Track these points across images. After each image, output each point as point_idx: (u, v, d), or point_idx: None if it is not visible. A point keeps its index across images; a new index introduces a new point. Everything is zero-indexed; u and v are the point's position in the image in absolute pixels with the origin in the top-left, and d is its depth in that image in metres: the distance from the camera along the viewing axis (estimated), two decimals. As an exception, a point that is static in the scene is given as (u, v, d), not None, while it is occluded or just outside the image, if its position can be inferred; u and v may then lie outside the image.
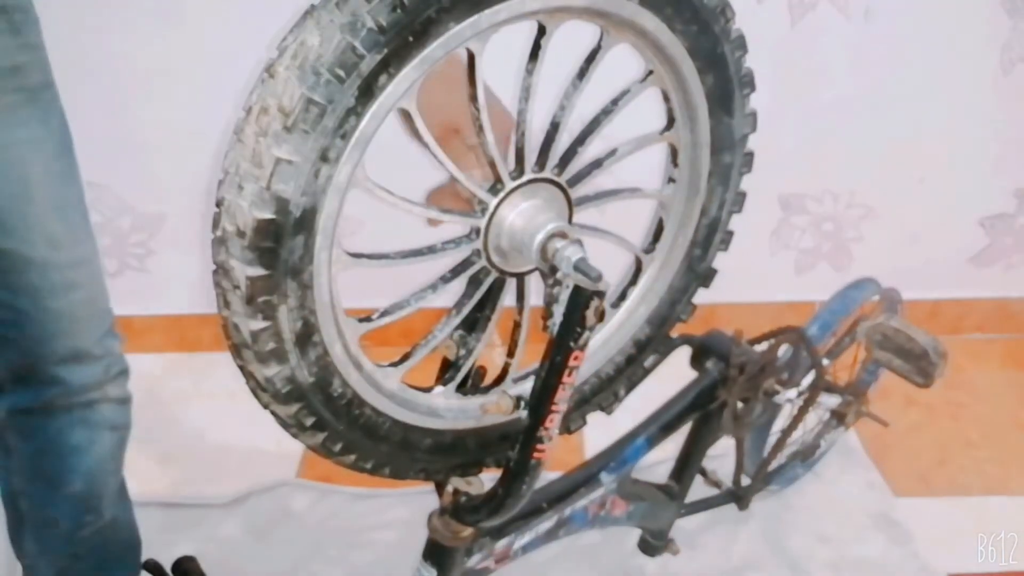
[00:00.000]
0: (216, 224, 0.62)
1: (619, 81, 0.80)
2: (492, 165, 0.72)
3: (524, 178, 0.73)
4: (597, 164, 0.81)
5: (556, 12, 0.70)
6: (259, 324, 0.63)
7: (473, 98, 0.69)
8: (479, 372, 0.86)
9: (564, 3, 0.69)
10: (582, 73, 0.77)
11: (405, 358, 0.77)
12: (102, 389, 1.02)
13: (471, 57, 0.67)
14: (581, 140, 0.78)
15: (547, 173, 0.75)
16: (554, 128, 0.76)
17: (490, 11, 0.64)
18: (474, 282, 0.77)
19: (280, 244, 0.62)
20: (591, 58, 0.76)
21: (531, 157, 0.74)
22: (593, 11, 0.71)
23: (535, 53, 0.73)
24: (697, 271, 0.94)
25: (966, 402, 1.74)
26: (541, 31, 0.73)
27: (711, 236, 0.92)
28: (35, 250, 0.90)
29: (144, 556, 1.16)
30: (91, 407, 1.01)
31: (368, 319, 0.73)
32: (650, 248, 0.92)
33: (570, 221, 0.78)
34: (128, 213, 1.73)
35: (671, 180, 0.88)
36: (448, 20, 0.62)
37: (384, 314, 0.73)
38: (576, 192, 0.79)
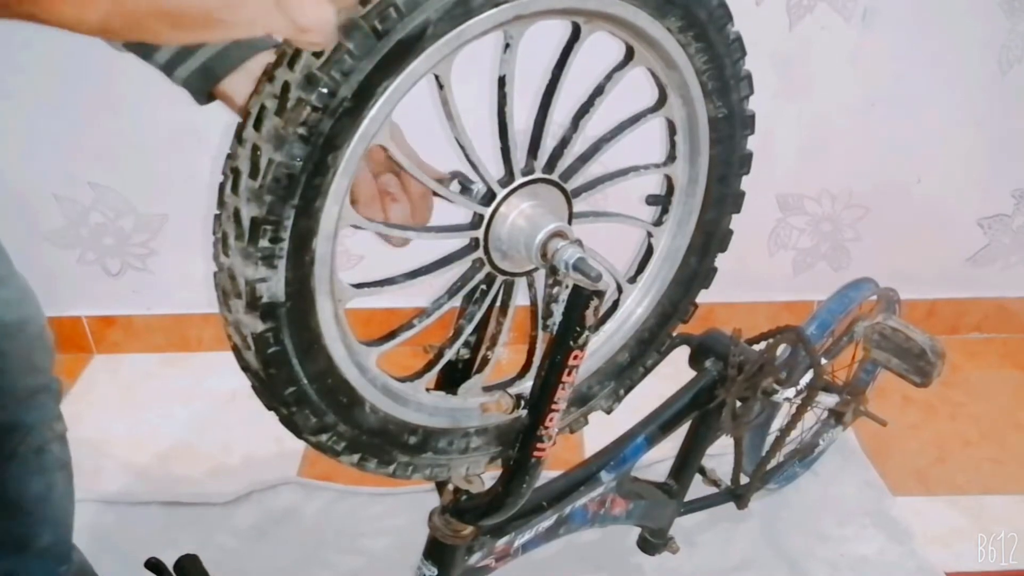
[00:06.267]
0: (217, 226, 0.63)
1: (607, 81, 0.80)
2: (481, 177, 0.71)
3: (515, 183, 0.73)
4: (601, 180, 0.81)
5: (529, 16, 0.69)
6: (261, 326, 0.64)
7: (449, 116, 0.68)
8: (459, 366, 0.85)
9: (574, 6, 0.69)
10: (561, 72, 0.76)
11: (418, 369, 0.77)
12: (51, 426, 0.97)
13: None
14: (587, 157, 0.78)
15: (539, 173, 0.75)
16: (563, 143, 0.76)
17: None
18: (485, 286, 0.78)
19: None
20: (566, 54, 0.75)
21: (532, 163, 0.74)
22: (620, 22, 0.72)
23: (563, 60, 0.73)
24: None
25: (964, 401, 1.75)
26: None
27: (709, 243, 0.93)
28: None
29: (146, 554, 1.16)
30: (42, 451, 0.96)
31: (380, 341, 0.73)
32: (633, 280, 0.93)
33: (570, 222, 0.78)
34: (130, 213, 1.74)
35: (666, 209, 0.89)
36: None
37: (392, 336, 0.73)
38: (574, 197, 0.79)
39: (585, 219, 0.81)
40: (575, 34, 0.73)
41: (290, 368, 0.66)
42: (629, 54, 0.77)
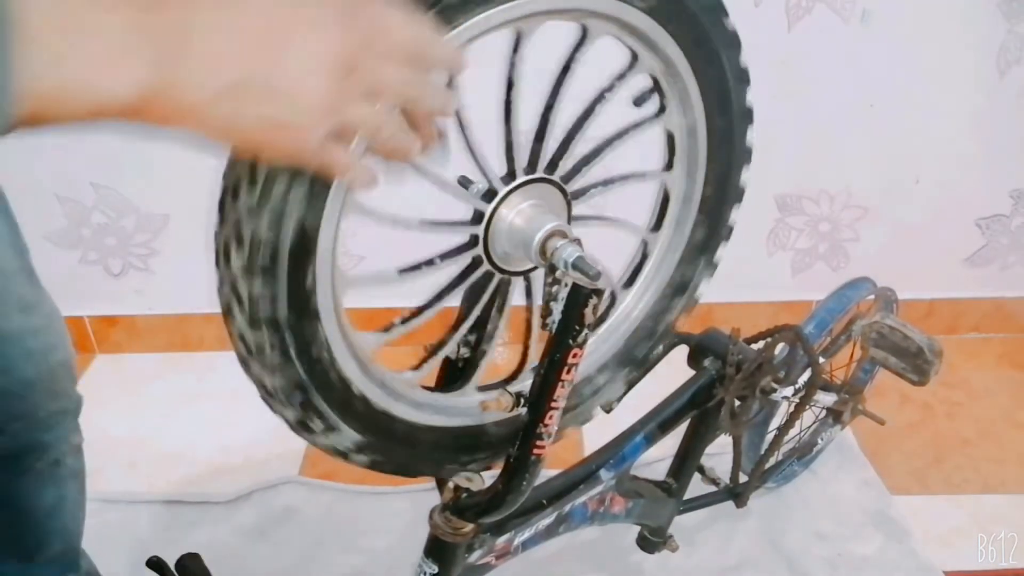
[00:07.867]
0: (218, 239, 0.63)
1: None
2: (484, 173, 0.72)
3: (516, 181, 0.74)
4: (601, 182, 0.82)
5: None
6: (265, 339, 0.64)
7: (455, 112, 0.69)
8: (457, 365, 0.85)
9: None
10: (567, 74, 0.77)
11: (419, 365, 0.78)
12: (68, 440, 0.96)
13: None
14: (588, 159, 0.79)
15: (541, 173, 0.76)
16: (565, 145, 0.77)
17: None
18: (481, 284, 0.78)
19: None
20: (573, 57, 0.77)
21: (534, 163, 0.75)
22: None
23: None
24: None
25: (962, 400, 1.76)
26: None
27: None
28: (9, 320, 0.83)
29: (148, 553, 1.17)
30: (57, 464, 0.95)
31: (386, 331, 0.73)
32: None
33: (568, 223, 0.79)
34: (132, 213, 1.74)
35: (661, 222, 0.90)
36: None
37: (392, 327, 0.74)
38: (574, 199, 0.80)
39: (584, 221, 0.81)
40: (583, 37, 0.74)
41: (297, 376, 0.67)
42: (633, 58, 0.79)
